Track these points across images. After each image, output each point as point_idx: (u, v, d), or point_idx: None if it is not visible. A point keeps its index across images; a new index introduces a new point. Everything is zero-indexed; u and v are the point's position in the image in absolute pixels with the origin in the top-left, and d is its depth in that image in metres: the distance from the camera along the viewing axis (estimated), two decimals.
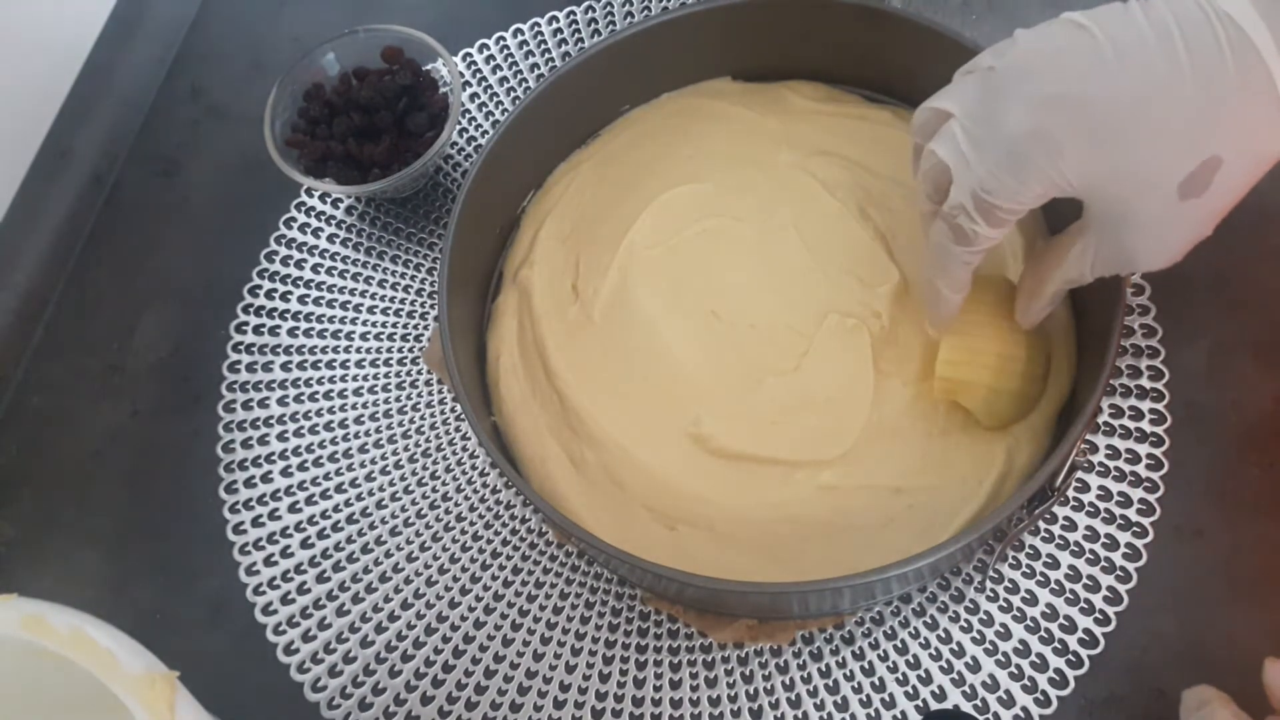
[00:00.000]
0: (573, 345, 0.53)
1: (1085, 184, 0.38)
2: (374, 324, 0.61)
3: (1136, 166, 0.37)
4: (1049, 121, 0.37)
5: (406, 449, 0.58)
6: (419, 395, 0.59)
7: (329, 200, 0.66)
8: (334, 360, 0.61)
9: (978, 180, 0.39)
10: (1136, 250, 0.40)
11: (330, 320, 0.62)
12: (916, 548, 0.42)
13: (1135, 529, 0.51)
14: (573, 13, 0.69)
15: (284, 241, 0.65)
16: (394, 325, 0.61)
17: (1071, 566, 0.51)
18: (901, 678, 0.50)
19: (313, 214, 0.65)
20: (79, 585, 0.57)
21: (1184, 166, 0.37)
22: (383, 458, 0.58)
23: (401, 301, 0.62)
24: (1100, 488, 0.52)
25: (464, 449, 0.57)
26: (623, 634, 0.52)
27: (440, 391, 0.59)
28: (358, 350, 0.61)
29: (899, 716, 0.49)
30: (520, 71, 0.68)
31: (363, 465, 0.58)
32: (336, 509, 0.57)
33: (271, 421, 0.59)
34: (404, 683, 0.52)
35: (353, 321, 0.62)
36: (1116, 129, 0.37)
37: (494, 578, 0.54)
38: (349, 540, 0.56)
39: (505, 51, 0.69)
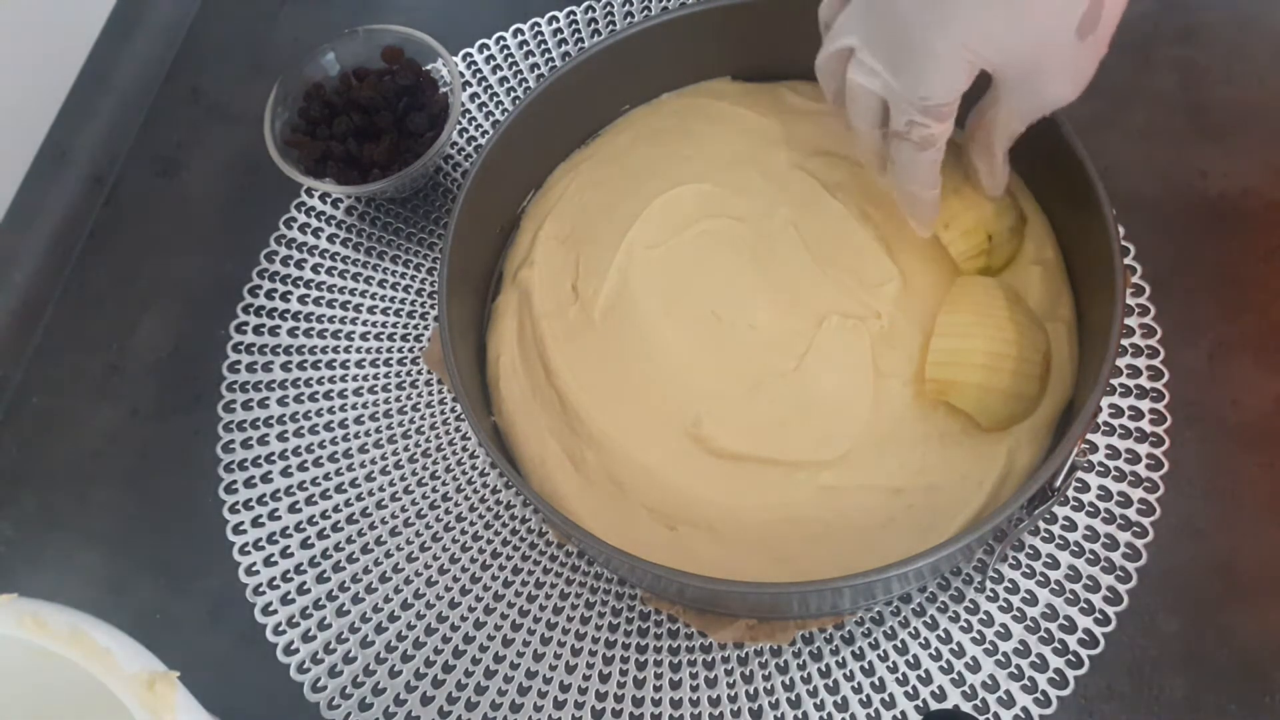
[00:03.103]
0: (573, 345, 0.53)
1: (996, 53, 0.41)
2: (374, 324, 0.61)
3: (1037, 22, 0.40)
4: (944, 9, 0.40)
5: (406, 449, 0.58)
6: (419, 395, 0.59)
7: (329, 200, 0.66)
8: (334, 360, 0.61)
9: (912, 93, 0.42)
10: (1054, 94, 0.43)
11: (330, 320, 0.62)
12: (916, 548, 0.42)
13: (1135, 529, 0.51)
14: (573, 13, 0.69)
15: (284, 241, 0.65)
16: (394, 325, 0.61)
17: (1071, 566, 0.51)
18: (901, 678, 0.50)
19: (313, 214, 0.65)
20: (79, 585, 0.57)
21: (1077, 10, 0.39)
22: (383, 458, 0.58)
23: (401, 301, 0.62)
24: (1100, 488, 0.52)
25: (464, 449, 0.57)
26: (623, 634, 0.52)
27: (440, 391, 0.59)
28: (358, 350, 0.61)
29: (899, 716, 0.49)
30: (520, 71, 0.68)
31: (363, 465, 0.58)
32: (336, 509, 0.57)
33: (271, 421, 0.59)
34: (404, 683, 0.52)
35: (353, 321, 0.62)
36: None
37: (494, 578, 0.54)
38: (349, 540, 0.56)
39: (505, 51, 0.69)
